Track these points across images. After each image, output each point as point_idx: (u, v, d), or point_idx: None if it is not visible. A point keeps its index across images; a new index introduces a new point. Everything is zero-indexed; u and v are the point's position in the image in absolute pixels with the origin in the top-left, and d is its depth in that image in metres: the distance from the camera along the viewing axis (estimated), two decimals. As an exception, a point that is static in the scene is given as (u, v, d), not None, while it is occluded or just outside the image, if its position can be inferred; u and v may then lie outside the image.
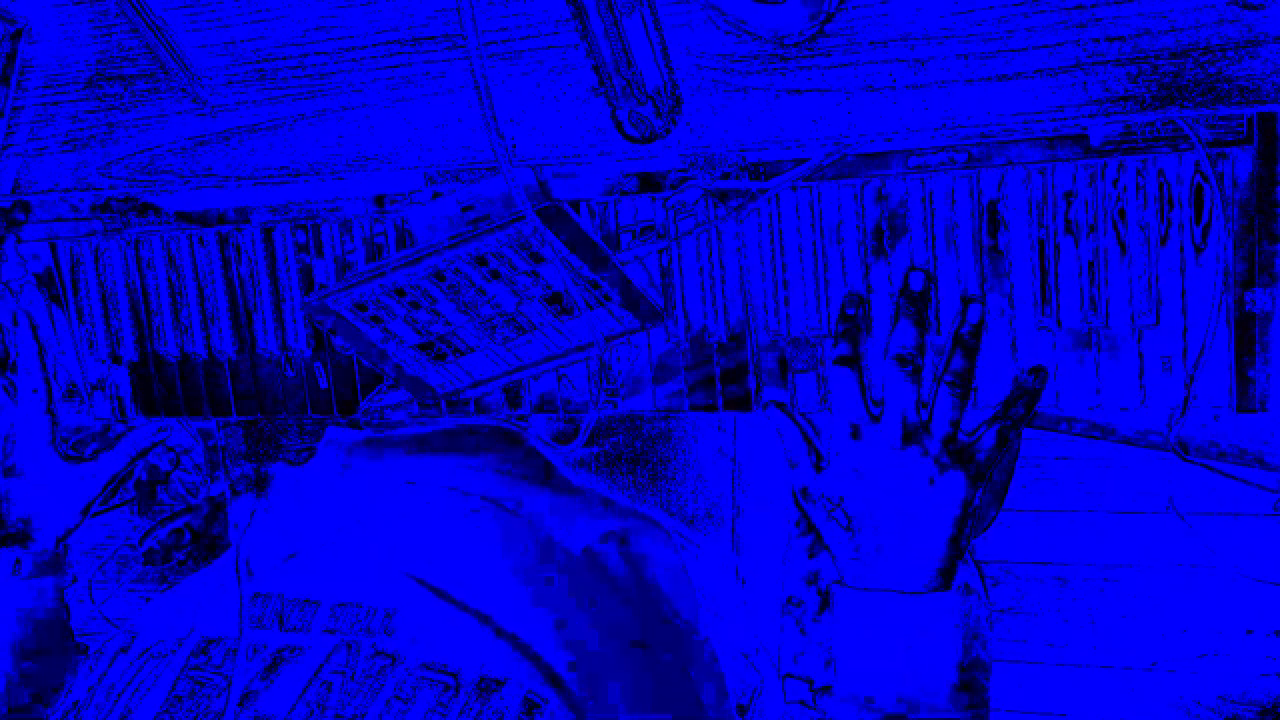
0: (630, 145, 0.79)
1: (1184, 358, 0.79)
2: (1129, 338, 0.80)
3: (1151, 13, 0.68)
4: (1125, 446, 0.84)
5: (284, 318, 0.97)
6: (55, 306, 1.03)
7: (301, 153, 0.85)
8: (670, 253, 0.87)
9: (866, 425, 0.81)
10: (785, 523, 0.96)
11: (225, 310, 0.98)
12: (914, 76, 0.74)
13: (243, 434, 1.14)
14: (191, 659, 0.77)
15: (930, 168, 0.80)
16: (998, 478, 0.86)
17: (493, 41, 0.79)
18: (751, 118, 0.77)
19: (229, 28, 0.84)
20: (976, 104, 0.73)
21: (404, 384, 0.93)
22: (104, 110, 0.88)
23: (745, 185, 0.83)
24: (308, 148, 0.85)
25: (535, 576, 0.86)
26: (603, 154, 0.80)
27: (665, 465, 1.00)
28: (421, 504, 0.93)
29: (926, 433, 0.80)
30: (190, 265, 0.97)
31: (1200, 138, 0.75)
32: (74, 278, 1.01)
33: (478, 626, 0.79)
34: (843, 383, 0.82)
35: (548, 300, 0.85)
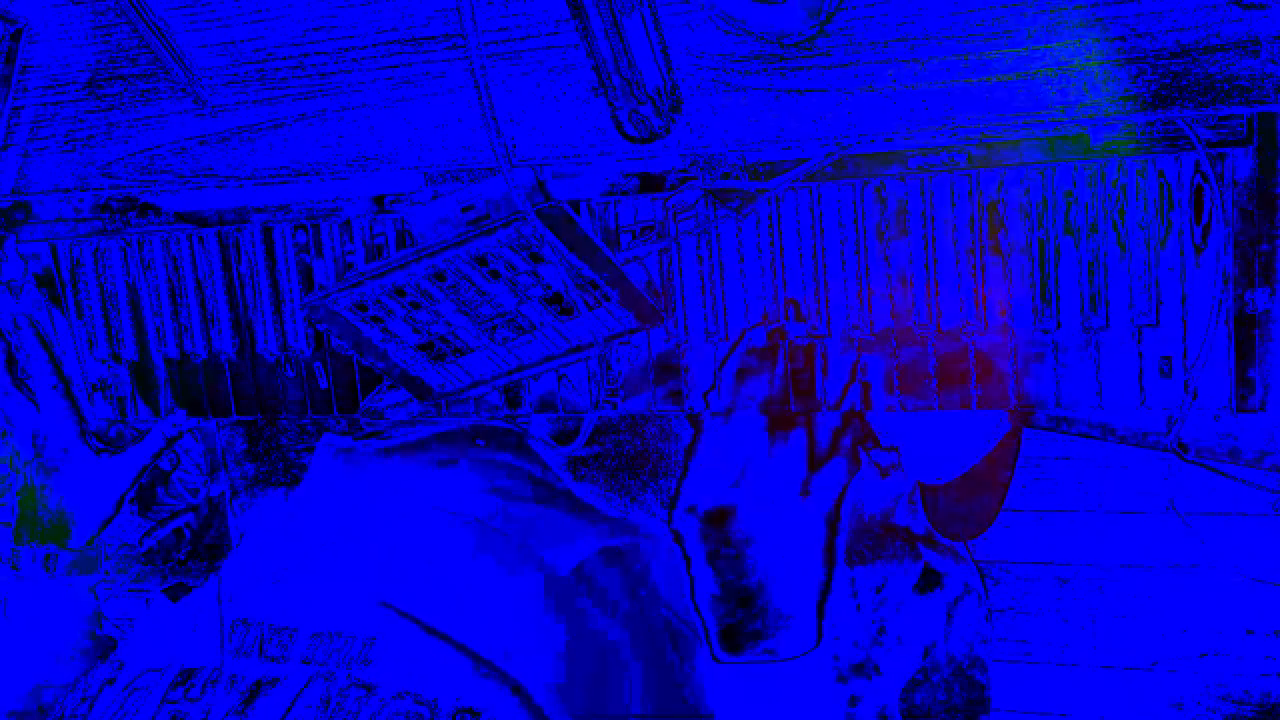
0: (630, 145, 0.79)
1: (1184, 358, 0.79)
2: (1129, 338, 0.80)
3: (1151, 13, 0.69)
4: (1125, 446, 0.84)
5: (284, 318, 0.97)
6: (55, 307, 1.03)
7: (301, 153, 0.85)
8: (670, 253, 0.87)
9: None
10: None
11: (225, 310, 0.98)
12: (914, 76, 0.74)
13: (244, 433, 1.14)
14: (170, 691, 0.78)
15: (930, 168, 0.80)
16: (1003, 476, 0.86)
17: (493, 41, 0.79)
18: (751, 118, 0.77)
19: (229, 28, 0.84)
20: (976, 104, 0.73)
21: (404, 384, 0.93)
22: (104, 110, 0.88)
23: (745, 185, 0.83)
24: (308, 148, 0.85)
25: (520, 602, 0.87)
26: (603, 154, 0.80)
27: (665, 462, 1.00)
28: (408, 528, 0.94)
29: None
30: (190, 265, 0.97)
31: (1200, 138, 0.75)
32: (74, 278, 1.01)
33: (456, 655, 0.79)
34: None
35: (548, 300, 0.85)
